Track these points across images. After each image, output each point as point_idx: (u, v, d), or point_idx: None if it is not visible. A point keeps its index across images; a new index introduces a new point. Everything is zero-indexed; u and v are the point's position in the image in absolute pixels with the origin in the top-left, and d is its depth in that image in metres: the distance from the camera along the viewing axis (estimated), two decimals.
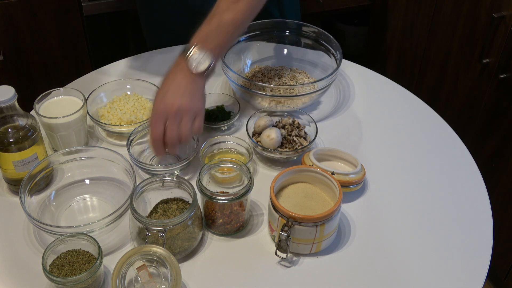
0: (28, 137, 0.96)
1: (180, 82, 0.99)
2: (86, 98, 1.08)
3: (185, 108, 0.97)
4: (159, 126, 0.97)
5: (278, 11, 1.39)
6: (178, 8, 1.36)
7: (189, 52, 1.00)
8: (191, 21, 1.38)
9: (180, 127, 0.97)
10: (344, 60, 1.26)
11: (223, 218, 0.92)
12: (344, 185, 0.98)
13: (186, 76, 0.99)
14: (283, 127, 1.09)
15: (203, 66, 1.00)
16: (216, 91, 1.24)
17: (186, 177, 1.01)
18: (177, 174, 1.03)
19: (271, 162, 1.08)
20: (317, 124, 1.09)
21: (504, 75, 1.54)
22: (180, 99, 0.97)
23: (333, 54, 1.23)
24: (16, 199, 0.97)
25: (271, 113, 1.13)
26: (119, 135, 1.13)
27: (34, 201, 0.96)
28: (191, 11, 1.36)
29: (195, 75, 1.00)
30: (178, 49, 1.36)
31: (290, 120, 1.10)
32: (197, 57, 0.99)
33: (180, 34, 1.40)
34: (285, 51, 1.31)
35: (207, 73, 1.01)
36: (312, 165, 1.00)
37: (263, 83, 1.19)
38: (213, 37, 1.02)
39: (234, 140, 1.07)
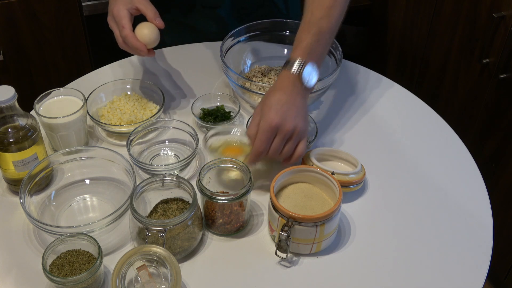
0: (28, 137, 0.96)
1: (295, 99, 0.97)
2: (86, 98, 1.08)
3: (298, 130, 0.95)
4: (268, 141, 0.94)
5: (283, 2, 1.39)
6: (179, 8, 1.36)
7: (300, 66, 0.98)
8: (191, 21, 1.38)
9: (285, 147, 0.96)
10: (344, 60, 1.26)
11: (223, 218, 0.92)
12: (344, 185, 0.98)
13: (299, 93, 0.98)
14: None
15: (314, 81, 0.99)
16: (216, 91, 1.24)
17: (186, 177, 1.01)
18: (177, 174, 1.03)
19: (271, 162, 1.08)
20: (317, 124, 1.09)
21: (504, 75, 1.54)
22: (295, 119, 0.95)
23: (333, 54, 1.23)
24: (16, 199, 0.97)
25: None
26: (119, 135, 1.13)
27: (34, 201, 0.96)
28: (194, 15, 1.37)
29: (306, 90, 0.99)
30: (178, 49, 1.37)
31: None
32: (309, 71, 0.98)
33: (180, 34, 1.41)
34: (285, 51, 1.31)
35: (313, 88, 1.01)
36: (312, 165, 1.00)
37: (263, 83, 1.19)
38: (316, 48, 1.01)
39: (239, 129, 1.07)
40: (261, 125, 0.95)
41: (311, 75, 0.99)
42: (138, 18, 1.08)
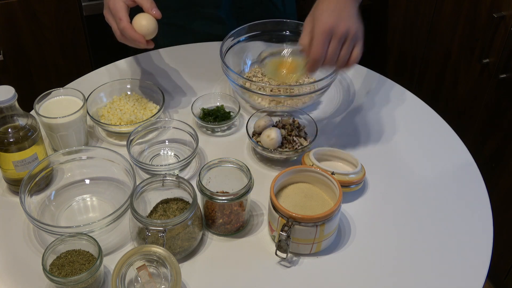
0: (28, 137, 0.96)
1: (345, 5, 0.95)
2: (86, 98, 1.08)
3: (352, 31, 0.93)
4: (325, 45, 0.92)
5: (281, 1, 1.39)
6: (180, 8, 1.36)
7: None
8: (192, 22, 1.38)
9: (342, 50, 0.94)
10: None
11: (223, 218, 0.92)
12: (344, 185, 0.98)
13: (349, 0, 0.96)
14: (283, 127, 1.09)
15: None
16: (216, 91, 1.24)
17: (186, 177, 1.01)
18: (177, 174, 1.03)
19: (271, 162, 1.08)
20: (317, 124, 1.09)
21: (504, 75, 1.53)
22: (348, 21, 0.93)
23: None
24: (16, 199, 0.97)
25: (271, 113, 1.13)
26: (119, 135, 1.13)
27: (34, 201, 0.96)
28: (193, 12, 1.37)
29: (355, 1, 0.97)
30: (178, 49, 1.37)
31: (290, 120, 1.10)
32: None
33: (180, 35, 1.41)
34: (285, 51, 1.31)
35: None
36: (312, 165, 1.00)
37: (263, 83, 1.19)
38: None
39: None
40: (315, 30, 0.93)
41: None
42: (134, 10, 1.07)
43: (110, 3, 1.04)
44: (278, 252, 0.90)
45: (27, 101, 1.12)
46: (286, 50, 1.08)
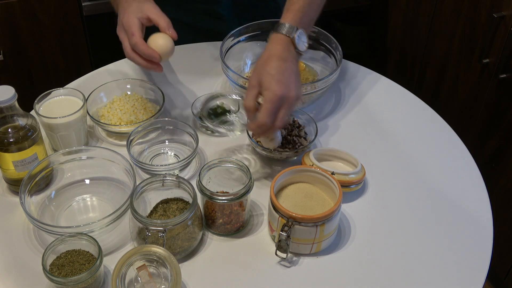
0: (28, 137, 0.96)
1: (292, 66, 0.96)
2: (86, 98, 1.08)
3: (297, 99, 0.94)
4: (275, 112, 0.92)
5: None
6: (180, 4, 1.35)
7: (293, 29, 0.97)
8: (192, 18, 1.38)
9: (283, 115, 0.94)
10: (344, 60, 1.26)
11: (223, 218, 0.92)
12: (344, 185, 0.98)
13: (294, 59, 0.97)
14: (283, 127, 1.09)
15: (306, 46, 0.98)
16: (216, 91, 1.23)
17: (186, 177, 1.01)
18: (177, 174, 1.03)
19: (271, 162, 1.08)
20: (317, 124, 1.09)
21: (504, 75, 1.54)
22: (296, 89, 0.93)
23: (333, 54, 1.23)
24: (16, 199, 0.97)
25: None
26: (119, 135, 1.13)
27: (34, 201, 0.96)
28: (193, 8, 1.36)
29: (298, 54, 0.98)
30: (178, 49, 1.36)
31: (290, 120, 1.10)
32: (301, 36, 0.97)
33: (180, 31, 1.40)
34: None
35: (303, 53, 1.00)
36: (312, 165, 1.00)
37: None
38: (307, 13, 1.00)
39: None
40: (265, 95, 0.92)
41: (303, 40, 0.98)
42: (149, 30, 1.04)
43: (123, 19, 1.00)
44: (278, 252, 0.90)
45: (27, 101, 1.12)
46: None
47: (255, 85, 0.95)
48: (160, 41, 0.98)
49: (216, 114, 1.14)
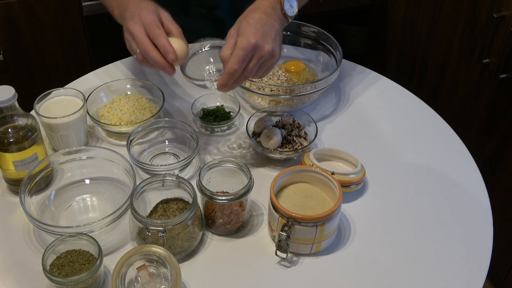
0: (28, 137, 0.96)
1: (273, 24, 0.94)
2: (86, 98, 1.08)
3: (274, 54, 0.93)
4: (245, 60, 0.90)
5: None
6: (179, 8, 1.36)
7: None
8: (191, 22, 1.38)
9: (257, 70, 0.93)
10: (344, 60, 1.26)
11: (223, 218, 0.92)
12: (344, 185, 0.98)
13: (278, 18, 0.96)
14: (283, 127, 1.09)
15: (294, 11, 0.97)
16: (216, 91, 1.23)
17: (186, 177, 1.01)
18: (177, 174, 1.03)
19: (271, 162, 1.08)
20: (317, 124, 1.09)
21: (504, 75, 1.54)
22: (272, 43, 0.92)
23: (333, 54, 1.23)
24: (16, 199, 0.97)
25: (271, 113, 1.13)
26: (119, 135, 1.13)
27: (34, 201, 0.96)
28: (192, 12, 1.36)
29: (284, 18, 0.97)
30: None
31: (290, 120, 1.10)
32: (290, 1, 0.97)
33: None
34: (285, 51, 1.31)
35: (291, 18, 0.98)
36: (312, 165, 1.00)
37: (263, 83, 1.19)
38: None
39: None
40: (239, 42, 0.90)
41: (292, 5, 0.97)
42: None
43: (141, 13, 0.95)
44: (278, 252, 0.90)
45: (27, 101, 1.12)
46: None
47: (233, 34, 0.93)
48: (175, 45, 0.96)
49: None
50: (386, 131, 1.16)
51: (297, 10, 0.99)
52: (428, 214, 0.99)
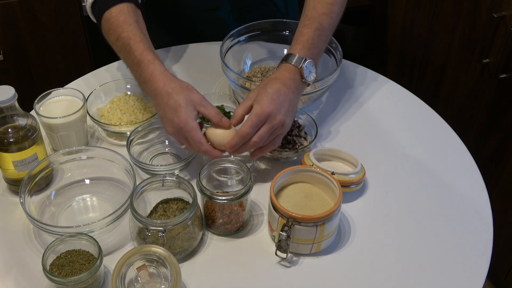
0: (28, 137, 0.96)
1: (292, 94, 0.97)
2: (86, 98, 1.08)
3: (284, 126, 0.95)
4: (257, 126, 0.93)
5: (282, 1, 1.40)
6: (181, 9, 1.36)
7: (301, 60, 0.99)
8: (192, 23, 1.38)
9: (267, 139, 0.95)
10: (344, 60, 1.26)
11: (223, 218, 0.92)
12: (344, 185, 0.98)
13: (297, 88, 0.99)
14: None
15: (313, 75, 1.00)
16: (216, 91, 1.24)
17: (186, 177, 1.01)
18: (177, 174, 1.03)
19: (271, 162, 1.08)
20: (317, 124, 1.09)
21: (504, 75, 1.54)
22: (284, 115, 0.94)
23: (333, 54, 1.23)
24: (16, 199, 0.97)
25: None
26: (119, 135, 1.13)
27: (34, 201, 0.96)
28: (194, 17, 1.36)
29: (304, 85, 1.00)
30: (178, 49, 1.37)
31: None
32: (309, 66, 0.99)
33: (181, 35, 1.40)
34: (285, 51, 1.31)
35: (310, 83, 1.01)
36: (312, 165, 1.00)
37: None
38: (316, 43, 1.01)
39: None
40: (254, 108, 0.94)
41: (310, 71, 0.99)
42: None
43: (181, 123, 0.92)
44: (278, 252, 0.90)
45: (27, 101, 1.12)
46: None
47: (251, 97, 0.96)
48: (219, 138, 0.96)
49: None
50: (386, 131, 1.16)
51: (315, 74, 1.02)
52: (428, 214, 0.99)
